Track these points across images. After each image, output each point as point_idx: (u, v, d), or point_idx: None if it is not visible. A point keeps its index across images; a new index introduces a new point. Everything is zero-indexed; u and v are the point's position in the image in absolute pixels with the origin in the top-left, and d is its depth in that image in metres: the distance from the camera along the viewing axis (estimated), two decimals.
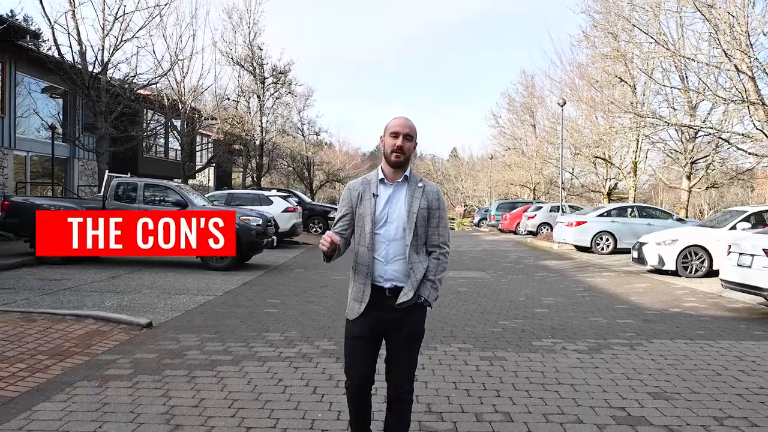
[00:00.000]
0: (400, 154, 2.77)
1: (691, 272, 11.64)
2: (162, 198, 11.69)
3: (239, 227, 11.23)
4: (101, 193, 11.61)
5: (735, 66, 16.57)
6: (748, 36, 16.06)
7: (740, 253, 7.85)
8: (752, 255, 7.57)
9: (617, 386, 4.55)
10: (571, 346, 5.80)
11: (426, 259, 2.86)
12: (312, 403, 4.01)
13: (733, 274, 7.96)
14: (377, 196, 2.80)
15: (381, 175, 2.85)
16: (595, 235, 16.85)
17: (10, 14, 21.62)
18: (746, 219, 11.84)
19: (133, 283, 9.34)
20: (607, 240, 16.83)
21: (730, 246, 8.24)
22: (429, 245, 2.89)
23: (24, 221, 11.11)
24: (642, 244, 12.50)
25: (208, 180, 37.26)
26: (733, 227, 11.56)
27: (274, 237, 12.68)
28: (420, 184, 2.86)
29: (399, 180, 2.83)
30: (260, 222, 11.74)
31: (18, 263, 10.75)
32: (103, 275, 10.07)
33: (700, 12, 16.10)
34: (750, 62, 16.42)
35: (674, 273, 11.75)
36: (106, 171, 11.76)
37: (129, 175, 13.09)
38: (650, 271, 12.50)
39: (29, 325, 5.71)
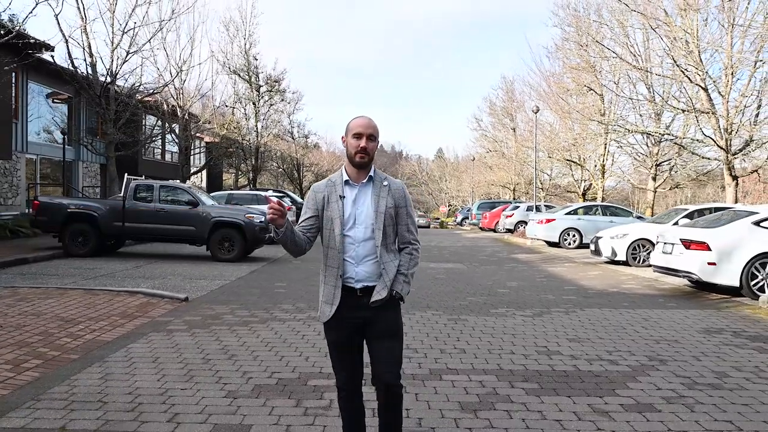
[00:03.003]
0: (364, 155, 2.77)
1: (639, 262, 13.39)
2: (175, 198, 13.17)
3: (245, 224, 12.79)
4: (121, 194, 13.02)
5: (688, 78, 18.44)
6: (699, 53, 17.92)
7: (664, 243, 9.58)
8: (673, 244, 9.30)
9: (546, 335, 6.20)
10: (519, 313, 7.45)
11: (397, 257, 2.90)
12: (324, 344, 5.56)
13: (659, 259, 9.69)
14: (344, 197, 2.80)
15: (345, 177, 2.84)
16: (563, 231, 18.62)
17: None
18: (688, 216, 13.59)
19: (156, 271, 10.84)
20: (574, 236, 18.60)
21: (658, 237, 9.98)
22: (400, 242, 2.93)
23: (53, 219, 12.56)
24: (598, 238, 14.25)
25: (201, 181, 38.62)
26: (676, 223, 13.30)
27: (272, 234, 14.18)
28: (385, 183, 2.86)
29: (364, 180, 2.84)
30: (263, 219, 13.25)
31: (49, 255, 12.20)
32: (128, 265, 11.55)
33: (655, 32, 17.89)
34: (702, 75, 18.30)
35: (625, 263, 13.50)
36: (125, 174, 13.14)
37: (143, 177, 14.54)
38: (606, 262, 14.23)
39: (94, 298, 7.23)
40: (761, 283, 8.56)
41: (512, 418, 3.82)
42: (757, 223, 8.82)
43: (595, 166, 28.35)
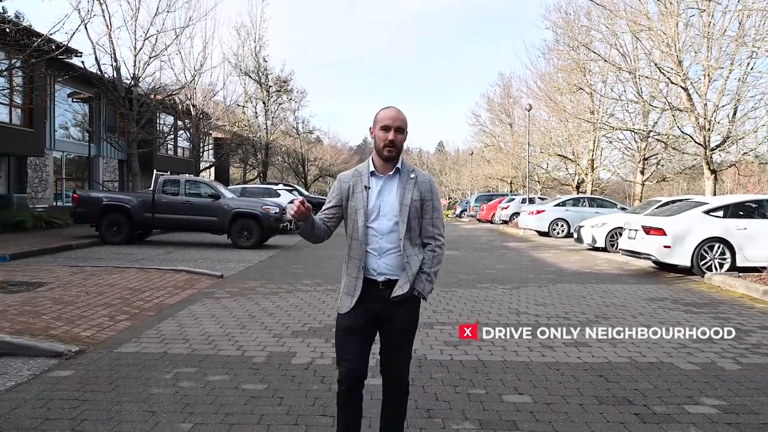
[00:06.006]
0: (392, 148, 2.73)
1: (616, 249, 14.83)
2: (199, 191, 14.64)
3: (262, 214, 14.27)
4: (151, 188, 14.50)
5: (669, 79, 19.85)
6: (678, 56, 19.31)
7: (629, 229, 11.06)
8: (636, 230, 10.77)
9: (519, 301, 7.69)
10: (500, 286, 8.94)
11: (421, 251, 2.83)
12: None
13: (625, 243, 11.17)
14: (369, 188, 2.77)
15: (372, 168, 2.81)
16: (552, 221, 20.09)
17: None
18: (661, 206, 15.04)
19: (187, 256, 12.33)
20: (562, 225, 20.06)
21: (624, 224, 11.45)
22: (424, 237, 2.85)
23: (91, 211, 14.05)
24: (581, 227, 15.71)
25: (209, 175, 40.15)
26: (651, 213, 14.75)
27: (287, 222, 15.68)
28: (412, 175, 2.81)
29: (390, 172, 2.80)
30: (277, 210, 14.74)
31: (89, 243, 13.70)
32: (160, 251, 13.04)
33: (636, 37, 19.28)
34: (683, 77, 19.70)
35: (603, 249, 14.97)
36: (155, 170, 14.61)
37: (169, 173, 16.01)
38: (588, 249, 15.70)
39: (147, 275, 8.72)
40: (709, 263, 10.03)
41: (482, 349, 5.31)
42: (707, 212, 10.28)
43: (587, 161, 29.79)
